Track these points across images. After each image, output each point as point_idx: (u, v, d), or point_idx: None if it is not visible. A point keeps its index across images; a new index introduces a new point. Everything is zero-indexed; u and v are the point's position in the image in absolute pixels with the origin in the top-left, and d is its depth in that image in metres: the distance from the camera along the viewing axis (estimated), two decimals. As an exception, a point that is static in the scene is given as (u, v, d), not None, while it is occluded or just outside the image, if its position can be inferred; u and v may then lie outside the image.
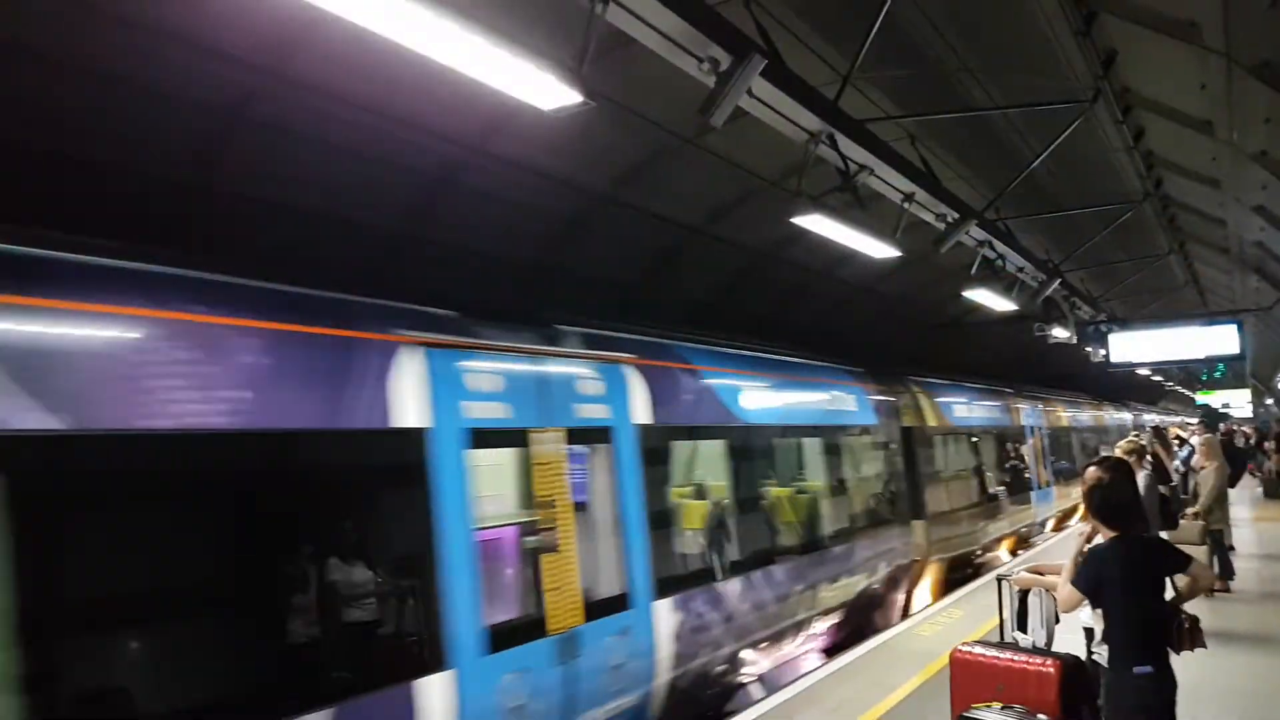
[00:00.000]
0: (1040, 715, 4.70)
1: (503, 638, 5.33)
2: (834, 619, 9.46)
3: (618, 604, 6.35)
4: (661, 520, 7.06)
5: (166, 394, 3.98)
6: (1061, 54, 7.55)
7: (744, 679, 8.05)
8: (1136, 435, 19.79)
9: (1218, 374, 36.74)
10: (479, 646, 5.14)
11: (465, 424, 5.29)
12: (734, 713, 7.21)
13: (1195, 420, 35.78)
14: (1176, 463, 17.32)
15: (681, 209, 10.45)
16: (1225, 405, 40.81)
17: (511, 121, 7.28)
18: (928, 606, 11.23)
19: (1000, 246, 10.96)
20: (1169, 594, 4.48)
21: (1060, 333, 14.84)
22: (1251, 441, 24.49)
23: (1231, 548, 12.41)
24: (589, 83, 4.60)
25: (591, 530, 6.46)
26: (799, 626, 8.72)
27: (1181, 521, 10.58)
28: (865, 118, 7.64)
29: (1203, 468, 11.85)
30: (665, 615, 6.75)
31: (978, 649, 5.39)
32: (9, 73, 5.38)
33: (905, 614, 11.24)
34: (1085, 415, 24.74)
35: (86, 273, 3.96)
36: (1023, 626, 5.49)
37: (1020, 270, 12.29)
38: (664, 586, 6.78)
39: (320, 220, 7.51)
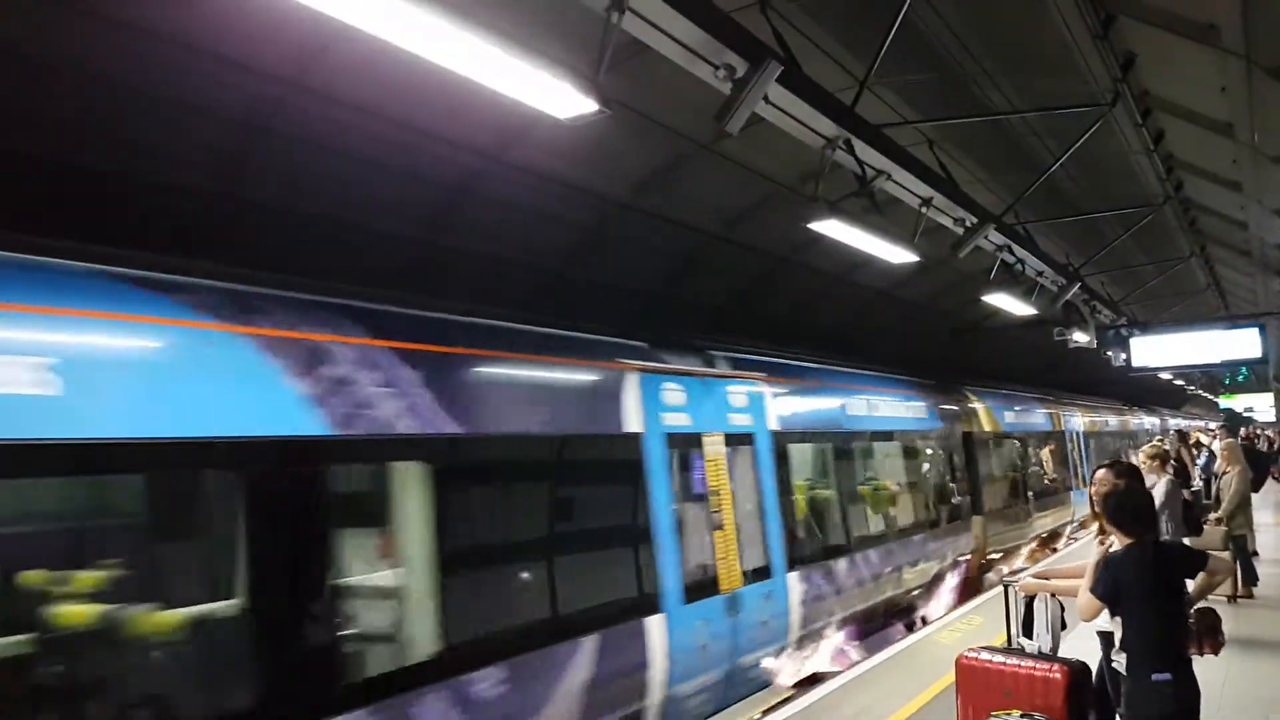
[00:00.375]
0: None
1: (691, 593, 7.01)
2: (915, 596, 11.20)
3: (764, 573, 8.01)
4: (790, 508, 8.67)
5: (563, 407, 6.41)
6: (1080, 57, 7.52)
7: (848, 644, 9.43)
8: (1161, 440, 19.62)
9: (1241, 378, 36.39)
10: (680, 598, 6.88)
11: (664, 429, 7.11)
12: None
13: (1216, 425, 35.41)
14: (1198, 467, 17.21)
15: (700, 215, 10.47)
16: (1249, 409, 40.39)
17: (530, 131, 7.33)
18: (949, 613, 11.19)
19: (1019, 251, 10.91)
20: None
21: (1081, 337, 14.74)
22: (1275, 446, 24.24)
23: (1255, 553, 12.29)
24: (605, 91, 4.62)
25: (743, 514, 7.98)
26: (889, 601, 10.45)
27: (1204, 527, 10.49)
28: (882, 123, 7.64)
29: (1225, 472, 11.76)
30: (795, 584, 8.42)
31: (984, 655, 5.41)
32: (36, 86, 5.47)
33: (960, 601, 12.31)
34: (1116, 420, 26.21)
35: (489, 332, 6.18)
36: (1028, 632, 5.49)
37: (1040, 274, 12.23)
38: (794, 561, 8.46)
39: (342, 229, 7.58)
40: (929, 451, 12.55)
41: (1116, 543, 4.46)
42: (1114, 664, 4.53)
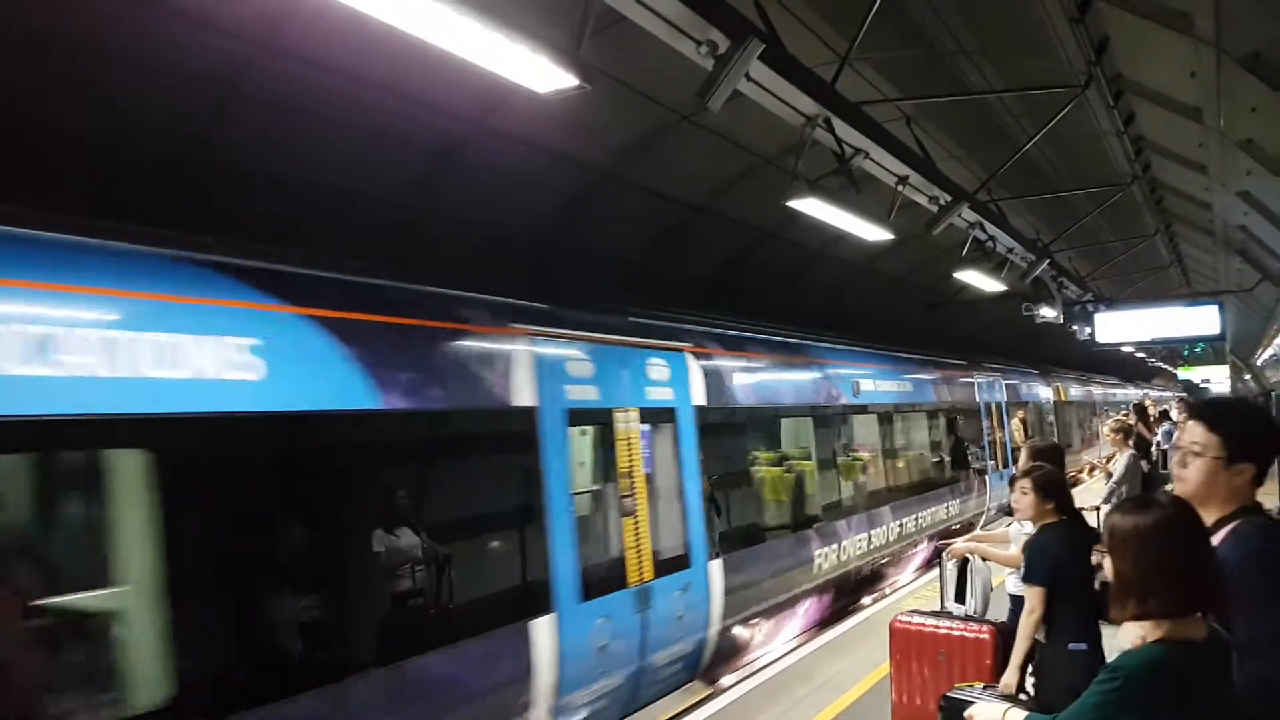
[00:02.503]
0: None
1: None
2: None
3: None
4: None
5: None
6: (1056, 39, 7.59)
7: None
8: (1125, 415, 20.01)
9: (1199, 349, 37.10)
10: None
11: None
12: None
13: (1174, 397, 36.25)
14: (1158, 437, 17.62)
15: (683, 186, 10.48)
16: (1205, 380, 41.25)
17: (513, 97, 7.23)
18: (913, 581, 11.44)
19: (991, 228, 11.05)
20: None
21: (1048, 312, 14.99)
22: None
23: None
24: (586, 62, 4.62)
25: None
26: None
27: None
28: (862, 100, 7.68)
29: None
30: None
31: (916, 618, 5.71)
32: None
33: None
34: (1097, 390, 30.05)
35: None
36: (960, 597, 5.72)
37: (1010, 251, 12.40)
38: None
39: (321, 194, 7.51)
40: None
41: (1030, 525, 4.85)
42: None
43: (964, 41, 8.30)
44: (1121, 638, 2.32)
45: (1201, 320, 14.67)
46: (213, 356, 4.09)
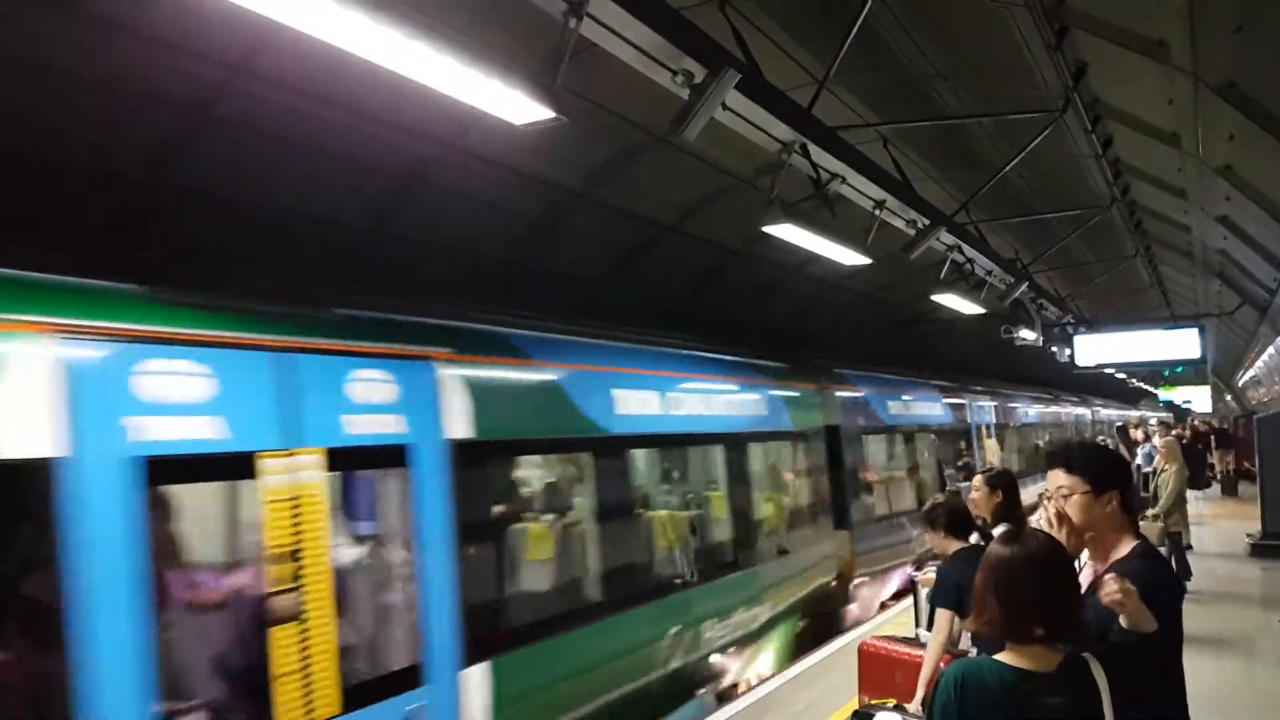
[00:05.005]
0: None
1: None
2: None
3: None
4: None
5: None
6: (1034, 64, 7.60)
7: None
8: (1105, 440, 19.99)
9: (1178, 370, 37.37)
10: None
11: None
12: None
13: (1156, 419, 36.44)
14: (1138, 460, 17.66)
15: (653, 206, 10.40)
16: (1187, 401, 41.53)
17: (484, 119, 7.16)
18: (890, 607, 11.35)
19: (969, 250, 11.04)
20: None
21: (1027, 334, 15.00)
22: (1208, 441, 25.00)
23: (1189, 547, 12.67)
24: (561, 93, 4.56)
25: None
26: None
27: (1141, 523, 10.78)
28: (838, 124, 7.65)
29: (1163, 470, 12.08)
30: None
31: (882, 643, 5.86)
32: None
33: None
34: (1087, 411, 32.10)
35: None
36: (931, 624, 5.73)
37: (989, 273, 12.40)
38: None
39: (286, 217, 7.40)
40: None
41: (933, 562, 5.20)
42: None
43: (940, 66, 8.29)
44: None
45: (1182, 343, 14.73)
46: None
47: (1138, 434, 24.96)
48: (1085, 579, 2.76)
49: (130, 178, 6.38)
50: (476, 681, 5.23)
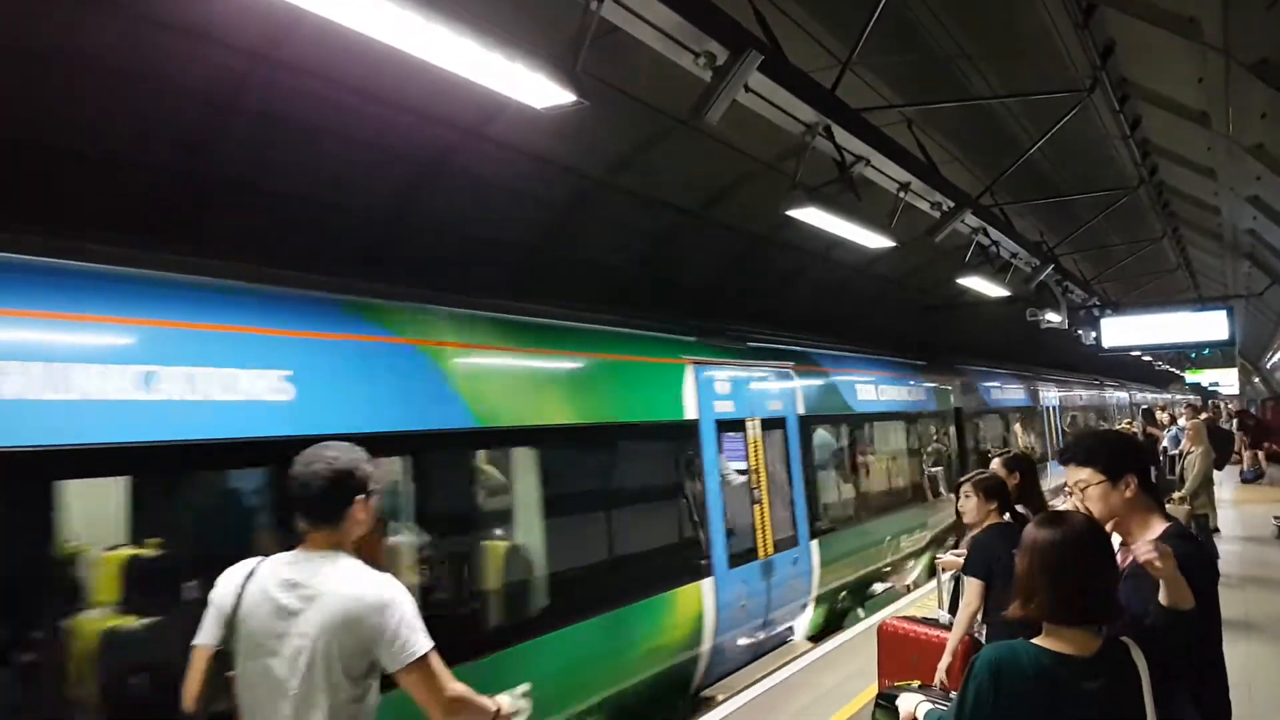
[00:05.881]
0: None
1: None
2: None
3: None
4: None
5: None
6: (1061, 44, 7.50)
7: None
8: (1129, 423, 19.89)
9: (1205, 352, 36.97)
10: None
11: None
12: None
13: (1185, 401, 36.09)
14: (1165, 443, 17.50)
15: (679, 193, 10.37)
16: (1214, 384, 41.07)
17: (507, 106, 7.16)
18: (911, 591, 11.36)
19: (994, 233, 10.94)
20: None
21: (1053, 317, 14.87)
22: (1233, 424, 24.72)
23: (1216, 530, 12.56)
24: (583, 78, 4.55)
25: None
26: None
27: (1167, 506, 10.68)
28: (862, 105, 7.58)
29: (1189, 452, 11.96)
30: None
31: (903, 624, 5.87)
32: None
33: None
34: (1125, 395, 33.94)
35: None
36: (954, 607, 5.74)
37: (1014, 256, 12.28)
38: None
39: (310, 206, 7.44)
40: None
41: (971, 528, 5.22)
42: (975, 634, 5.06)
43: (966, 46, 8.19)
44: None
45: (1210, 325, 14.54)
46: None
47: (1163, 416, 24.71)
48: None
49: (158, 167, 6.44)
50: (814, 548, 9.22)
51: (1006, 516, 5.16)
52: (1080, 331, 15.91)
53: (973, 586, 4.91)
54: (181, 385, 4.01)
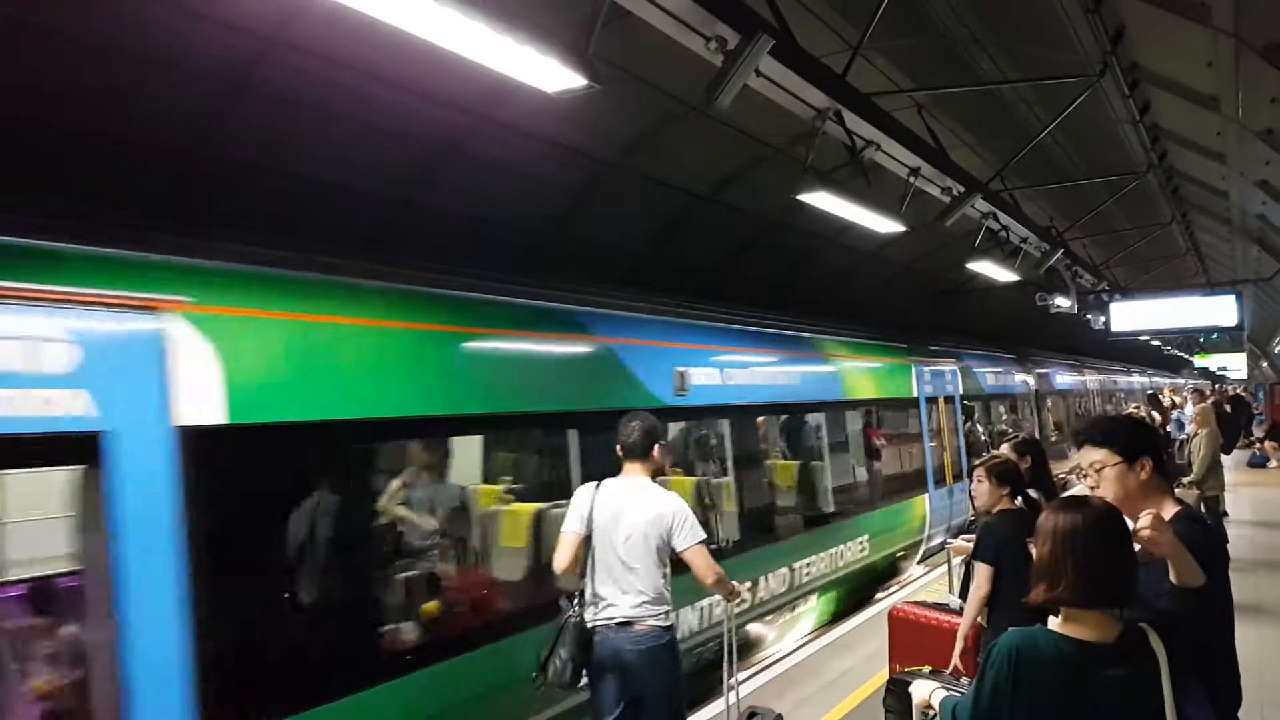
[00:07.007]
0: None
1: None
2: None
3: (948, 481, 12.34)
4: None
5: None
6: (1071, 28, 7.48)
7: None
8: (1137, 408, 19.83)
9: (1214, 337, 36.83)
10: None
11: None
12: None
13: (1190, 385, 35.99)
14: (1171, 426, 17.50)
15: (689, 176, 10.39)
16: (1222, 368, 40.94)
17: (518, 89, 7.18)
18: (924, 575, 11.40)
19: (1004, 218, 10.93)
20: None
21: (1062, 302, 14.86)
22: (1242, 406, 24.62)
23: (1225, 514, 12.57)
24: (594, 60, 4.57)
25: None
26: None
27: (1176, 490, 10.69)
28: (873, 90, 7.59)
29: (1195, 435, 11.97)
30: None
31: (913, 609, 5.91)
32: (5, 46, 5.33)
33: None
34: (1146, 380, 35.49)
35: None
36: (964, 592, 5.78)
37: (1024, 240, 12.27)
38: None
39: (321, 187, 7.48)
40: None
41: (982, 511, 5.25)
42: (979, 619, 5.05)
43: (976, 31, 8.19)
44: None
45: (1219, 310, 14.52)
46: None
47: (1169, 400, 24.67)
48: None
49: (169, 148, 6.49)
50: (935, 494, 11.93)
51: (1019, 501, 5.17)
52: (1089, 316, 15.90)
53: (982, 571, 4.91)
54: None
